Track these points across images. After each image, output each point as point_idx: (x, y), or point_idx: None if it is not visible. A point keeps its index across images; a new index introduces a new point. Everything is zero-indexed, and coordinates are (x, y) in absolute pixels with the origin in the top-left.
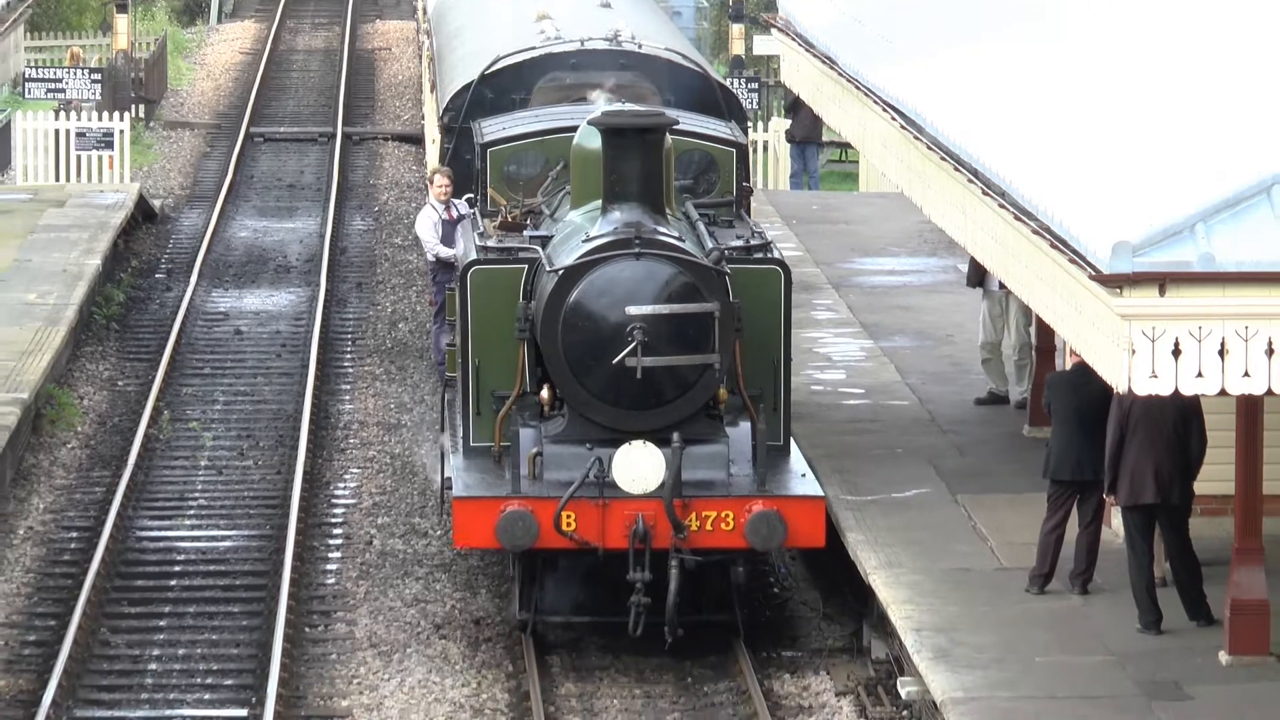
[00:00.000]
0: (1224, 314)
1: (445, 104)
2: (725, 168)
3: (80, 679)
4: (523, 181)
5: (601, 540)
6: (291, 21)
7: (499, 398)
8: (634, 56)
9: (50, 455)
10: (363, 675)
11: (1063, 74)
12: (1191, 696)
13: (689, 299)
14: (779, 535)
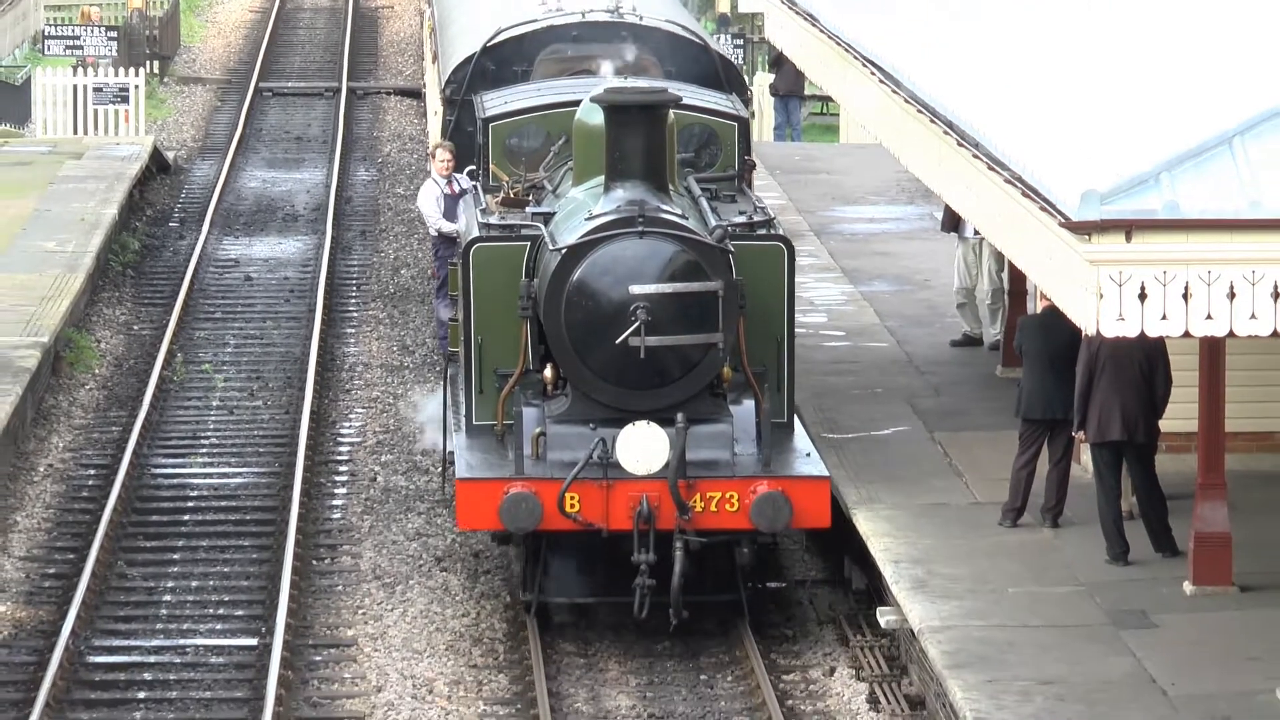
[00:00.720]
0: (1188, 259)
1: (447, 76)
2: (727, 141)
3: (98, 610)
4: (524, 156)
5: (605, 521)
6: None
7: (502, 376)
8: (635, 29)
9: (69, 396)
10: (367, 606)
11: (1035, 30)
12: (1157, 625)
13: (693, 278)
14: (784, 516)
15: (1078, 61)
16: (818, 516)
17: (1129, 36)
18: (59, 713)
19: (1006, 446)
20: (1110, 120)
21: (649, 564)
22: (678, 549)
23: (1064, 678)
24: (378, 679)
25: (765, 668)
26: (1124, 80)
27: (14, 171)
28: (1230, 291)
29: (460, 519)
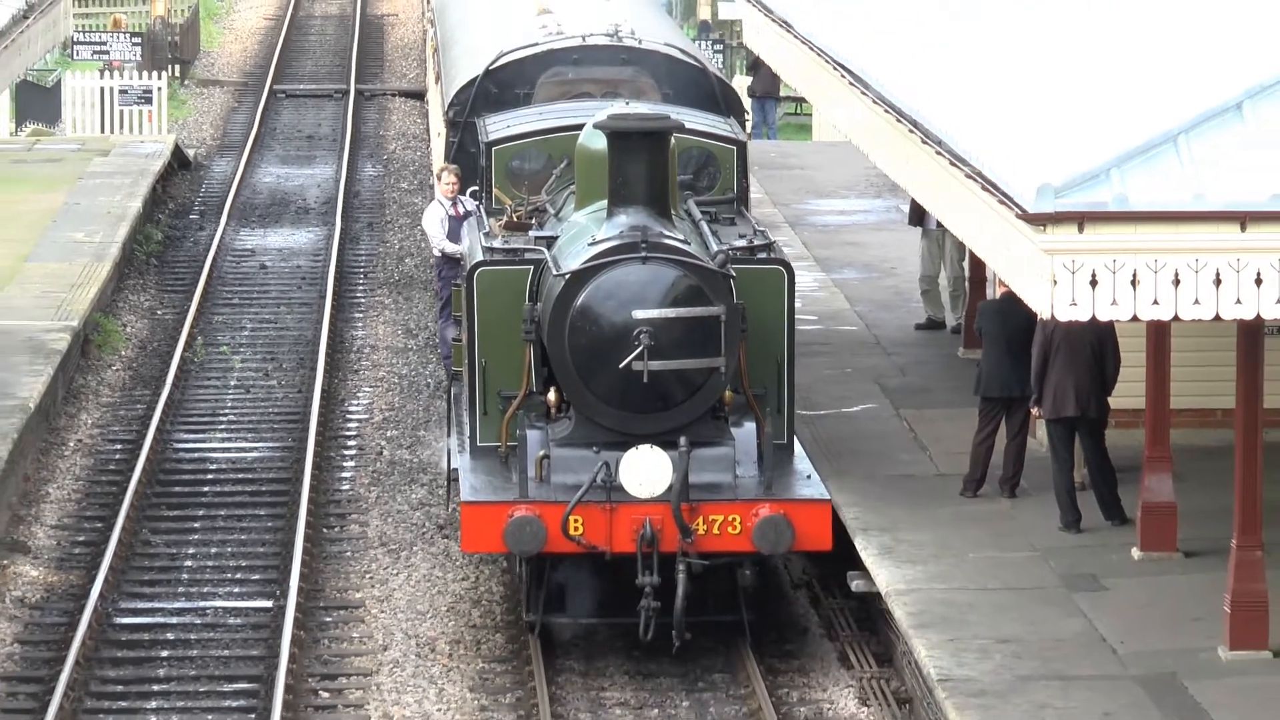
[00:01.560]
0: (1136, 249)
1: (450, 99)
2: (726, 164)
3: (124, 575)
4: (527, 178)
5: (609, 544)
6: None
7: (505, 398)
8: (634, 52)
9: (97, 376)
10: (374, 570)
11: (994, 35)
12: (1107, 588)
13: (695, 303)
14: (786, 540)
15: (1033, 64)
16: (819, 539)
17: (1082, 39)
18: (88, 670)
19: (967, 422)
20: (1063, 119)
21: (653, 586)
22: (680, 572)
23: (1020, 636)
24: (384, 638)
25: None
26: (1076, 81)
27: (45, 168)
28: (1175, 278)
29: (465, 542)
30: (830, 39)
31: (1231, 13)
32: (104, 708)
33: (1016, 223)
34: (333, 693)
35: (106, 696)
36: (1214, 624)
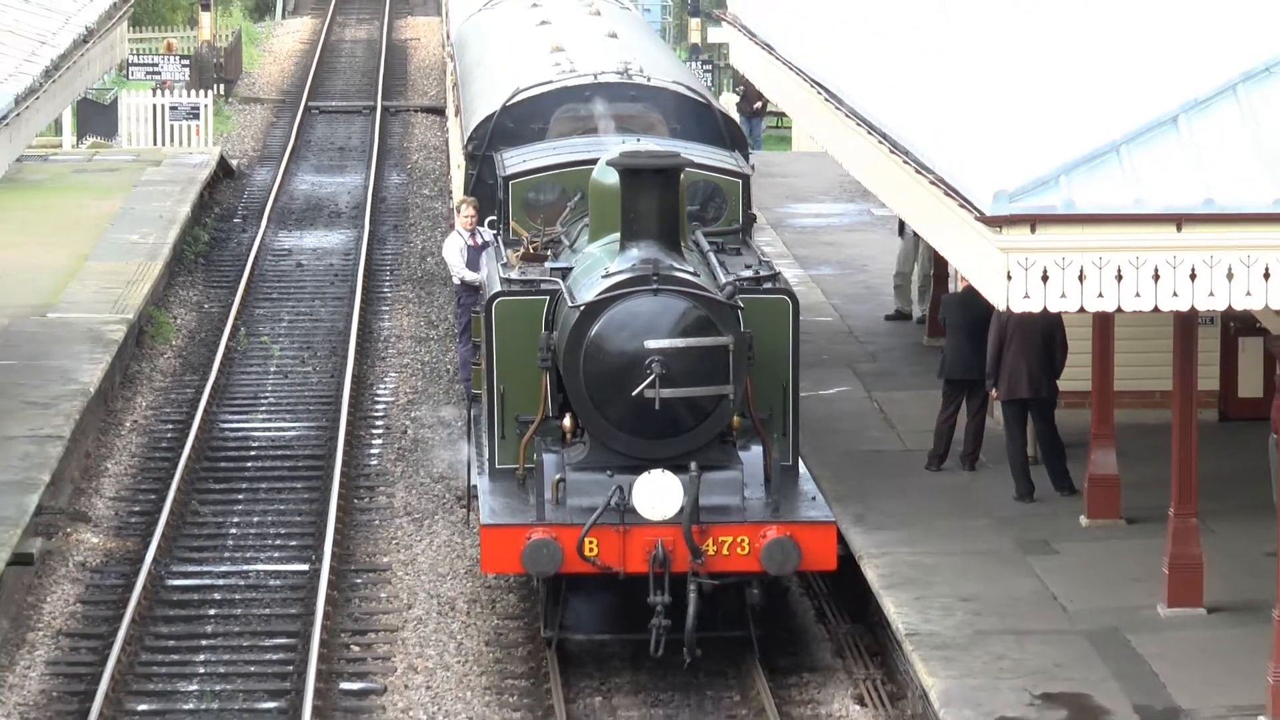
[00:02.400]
0: (1082, 248)
1: (469, 133)
2: (732, 197)
3: (175, 542)
4: (542, 210)
5: (622, 565)
6: (341, 17)
7: (523, 422)
8: (643, 89)
9: (150, 363)
10: (400, 537)
11: (954, 54)
12: (1058, 551)
13: (704, 333)
14: (793, 560)
15: (991, 80)
16: (824, 559)
17: (1033, 58)
18: (143, 627)
19: (931, 403)
20: (1016, 130)
21: (664, 605)
22: (692, 591)
23: (979, 595)
24: (408, 598)
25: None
26: (1028, 95)
27: (104, 176)
28: (1118, 274)
29: (484, 563)
30: (807, 59)
31: (1170, 30)
32: (157, 660)
33: (975, 224)
34: (362, 646)
35: (159, 650)
36: (1153, 584)
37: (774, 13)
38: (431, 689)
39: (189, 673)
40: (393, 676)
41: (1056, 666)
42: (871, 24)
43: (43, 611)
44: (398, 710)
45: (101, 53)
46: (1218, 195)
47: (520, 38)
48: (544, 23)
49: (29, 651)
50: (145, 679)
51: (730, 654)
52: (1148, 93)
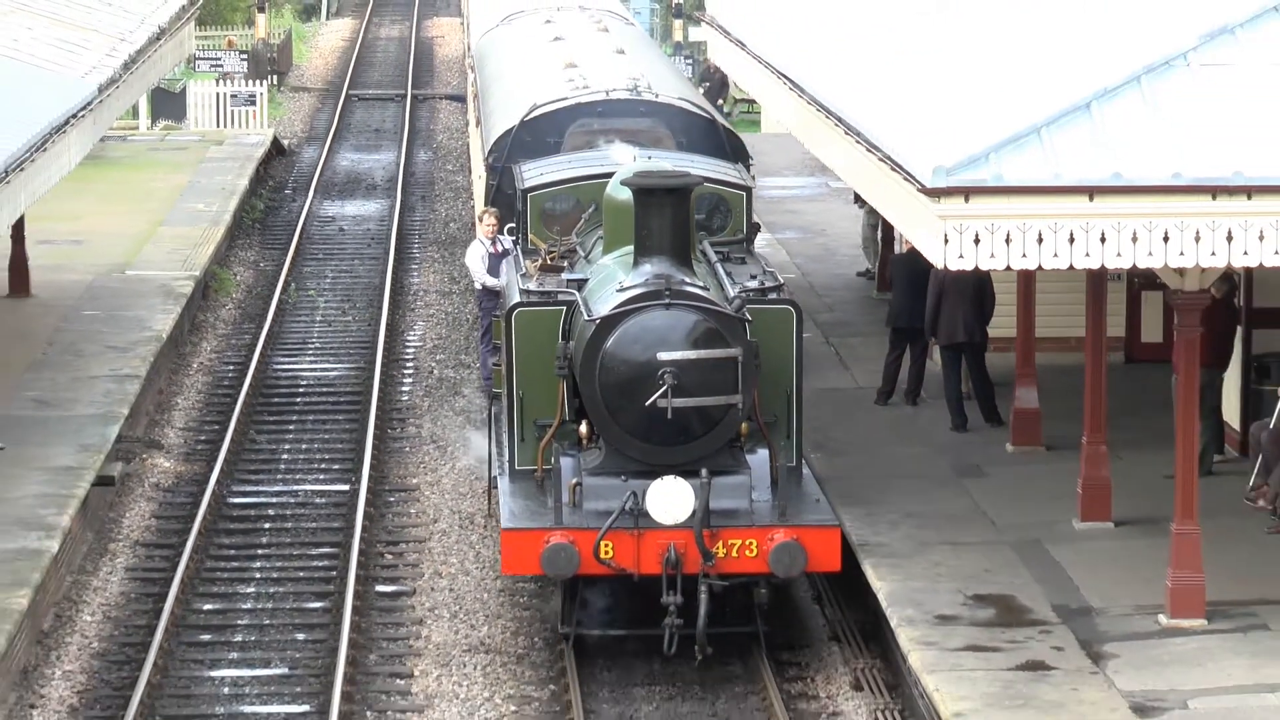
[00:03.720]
0: (1008, 215)
1: (490, 146)
2: (736, 209)
3: (235, 466)
4: (558, 219)
5: (637, 567)
6: (376, 18)
7: (541, 426)
8: (652, 105)
9: (214, 314)
10: (426, 461)
11: (900, 51)
12: (987, 474)
13: (714, 345)
14: (800, 563)
15: (931, 71)
16: (829, 561)
17: (969, 53)
18: (207, 539)
19: (879, 347)
20: (953, 114)
21: (676, 605)
22: (703, 593)
23: (921, 512)
24: (434, 513)
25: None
26: (964, 84)
27: (175, 154)
28: (1039, 238)
29: (505, 565)
30: (774, 53)
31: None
32: (220, 567)
33: (917, 195)
34: (394, 555)
35: (222, 559)
36: (1069, 502)
37: (745, 14)
38: (454, 591)
39: (247, 577)
40: (420, 580)
41: (986, 572)
42: (830, 26)
43: (122, 525)
44: (425, 609)
45: (172, 48)
46: (1124, 170)
47: (535, 53)
48: (557, 39)
49: (110, 559)
50: (209, 583)
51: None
52: (1065, 82)
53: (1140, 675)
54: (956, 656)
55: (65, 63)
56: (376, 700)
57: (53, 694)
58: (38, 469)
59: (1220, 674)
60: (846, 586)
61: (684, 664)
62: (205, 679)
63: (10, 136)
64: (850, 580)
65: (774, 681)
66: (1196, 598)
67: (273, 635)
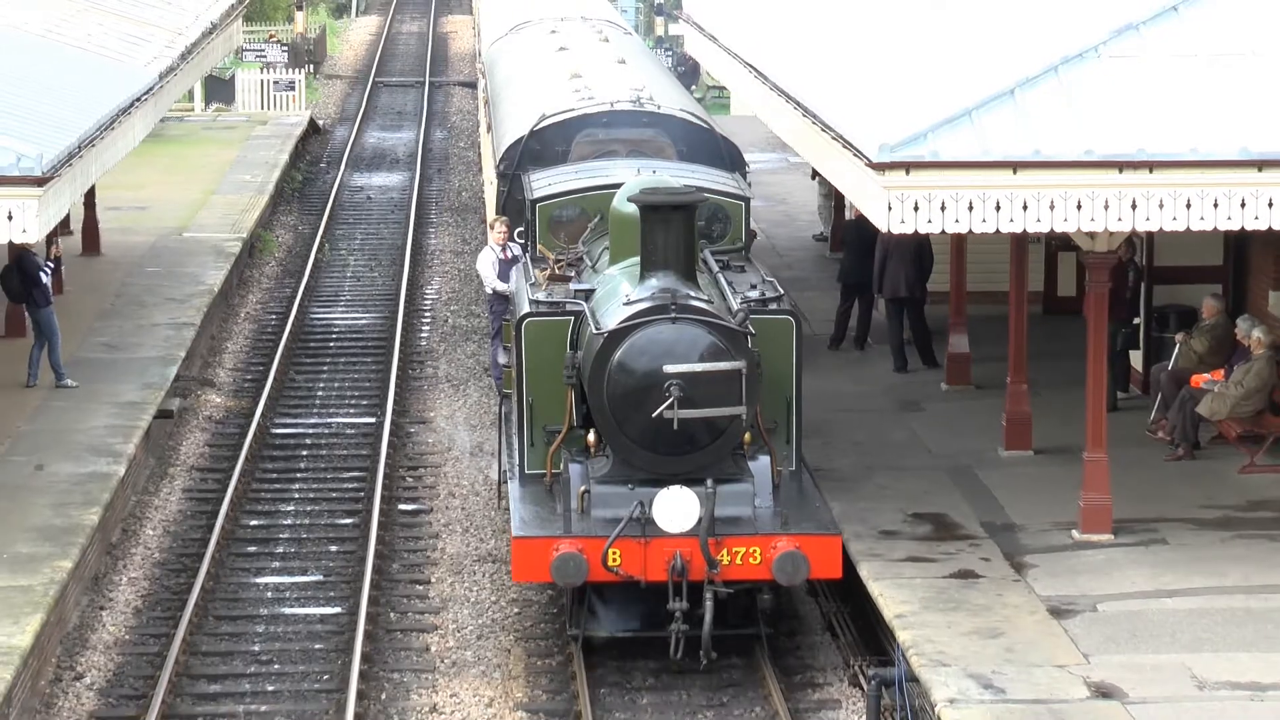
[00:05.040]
0: (943, 186)
1: (501, 154)
2: (736, 218)
3: (277, 402)
4: (565, 226)
5: (644, 574)
6: (399, 15)
7: (550, 432)
8: (654, 116)
9: (258, 270)
10: (442, 399)
11: (851, 43)
12: (925, 410)
13: (719, 358)
14: (803, 572)
15: (877, 61)
16: (831, 569)
17: (911, 46)
18: (253, 464)
19: (832, 300)
20: (897, 99)
21: (682, 611)
22: (708, 599)
23: (868, 441)
24: (448, 442)
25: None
26: (906, 72)
27: (225, 133)
28: (969, 205)
29: (515, 573)
30: (742, 45)
31: (1011, 22)
32: (264, 488)
33: (865, 169)
34: (414, 476)
35: (266, 481)
36: (995, 433)
37: (717, 11)
38: (465, 509)
39: (287, 497)
40: (437, 500)
41: (924, 493)
42: (791, 23)
43: (180, 452)
44: (440, 525)
45: (222, 41)
46: (1043, 147)
47: (542, 62)
48: (562, 49)
49: (170, 482)
50: (255, 502)
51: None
52: (992, 70)
53: (1056, 582)
54: (898, 566)
55: (130, 54)
56: (399, 603)
57: (119, 597)
58: (107, 404)
59: (1125, 581)
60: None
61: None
62: (251, 585)
63: (83, 117)
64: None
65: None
66: (1104, 516)
67: (309, 547)
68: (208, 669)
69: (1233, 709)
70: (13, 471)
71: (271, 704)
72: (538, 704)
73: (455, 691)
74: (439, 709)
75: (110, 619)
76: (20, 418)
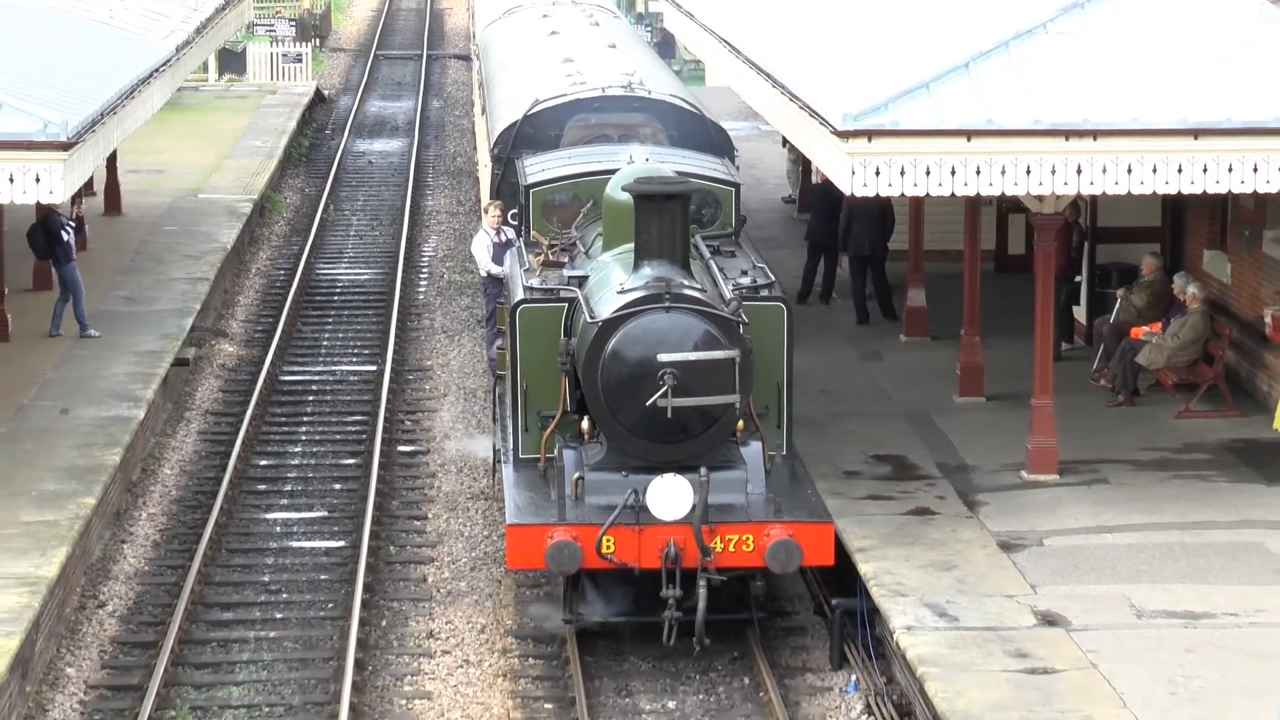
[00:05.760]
0: (902, 152)
1: (495, 138)
2: (726, 204)
3: (286, 351)
4: (558, 210)
5: (637, 561)
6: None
7: (544, 417)
8: (645, 101)
9: (269, 229)
10: (439, 348)
11: (818, 18)
12: (885, 359)
13: (712, 347)
14: (796, 560)
15: (843, 35)
16: (823, 556)
17: (874, 21)
18: (263, 409)
19: (800, 258)
20: (860, 72)
21: (675, 599)
22: (701, 587)
23: (833, 388)
24: (444, 389)
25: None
26: (869, 48)
27: (236, 102)
28: (927, 170)
29: (510, 560)
30: (717, 22)
31: (971, 1)
32: (274, 430)
33: (830, 136)
34: (412, 420)
35: (276, 424)
36: (950, 381)
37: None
38: (460, 450)
39: (294, 439)
40: (433, 441)
41: (885, 437)
42: (764, 10)
43: (195, 398)
44: (436, 465)
45: (234, 16)
46: (995, 117)
47: (535, 47)
48: (554, 33)
49: (186, 425)
50: (264, 443)
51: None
52: (948, 46)
53: (1005, 519)
54: (860, 504)
55: (149, 29)
56: (398, 537)
57: (139, 532)
58: (127, 352)
59: (1069, 518)
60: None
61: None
62: (261, 520)
63: (106, 87)
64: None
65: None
66: (1051, 458)
67: (315, 485)
68: (221, 598)
69: (1168, 635)
70: (40, 415)
71: (280, 630)
72: (525, 630)
73: (450, 619)
74: (435, 634)
75: (131, 551)
76: (47, 365)
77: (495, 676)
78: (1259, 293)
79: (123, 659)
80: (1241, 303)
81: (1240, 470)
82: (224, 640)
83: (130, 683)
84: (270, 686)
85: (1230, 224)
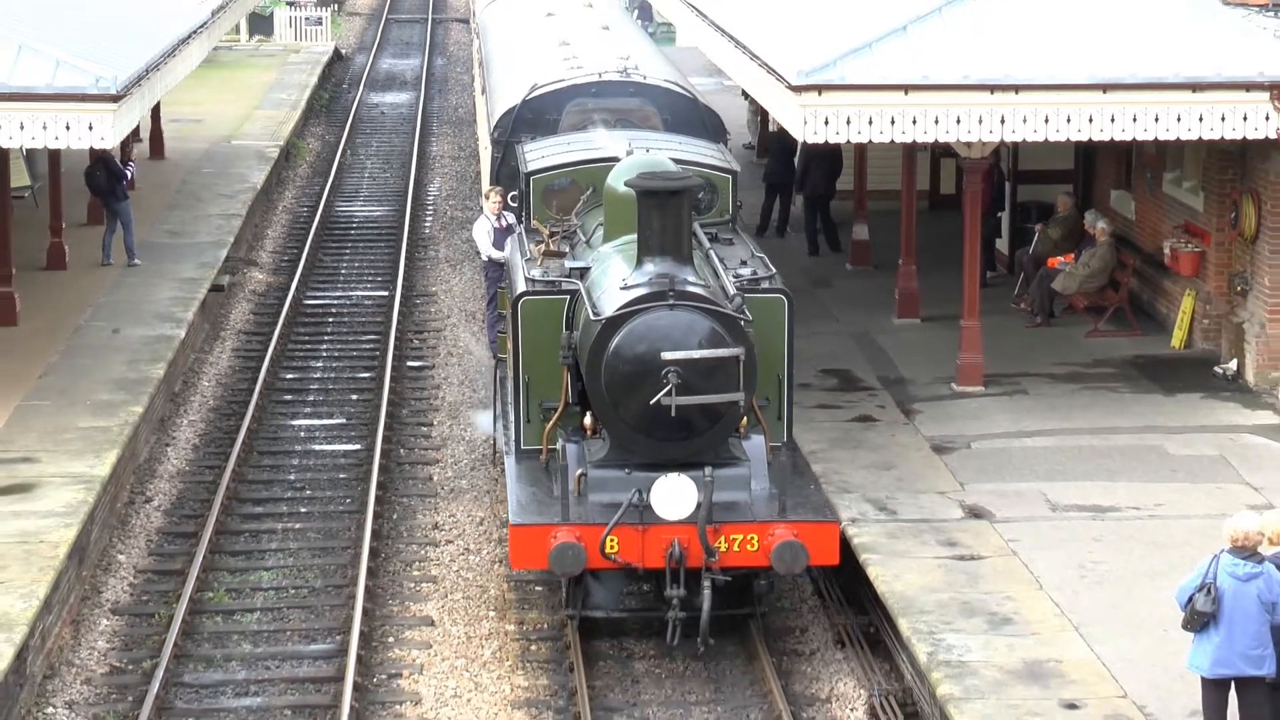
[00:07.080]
0: (849, 105)
1: (495, 122)
2: (724, 192)
3: (309, 275)
4: (557, 195)
5: (641, 561)
6: None
7: (546, 409)
8: (641, 86)
9: (294, 172)
10: (443, 275)
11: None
12: (833, 286)
13: (716, 345)
14: (802, 561)
15: (799, 1)
16: (829, 556)
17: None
18: (289, 328)
19: (758, 196)
20: (811, 34)
21: (679, 598)
22: (706, 587)
23: None
24: (448, 313)
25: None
26: (819, 13)
27: (265, 60)
28: (869, 120)
29: (514, 560)
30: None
31: None
32: (298, 348)
33: (786, 91)
34: (420, 339)
35: (299, 342)
36: (890, 305)
37: None
38: (461, 366)
39: (317, 354)
40: (438, 358)
41: (832, 354)
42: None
43: (229, 320)
44: (440, 378)
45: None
46: (929, 73)
47: (531, 28)
48: (550, 14)
49: (221, 343)
50: (291, 358)
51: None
52: (890, 11)
53: (938, 425)
54: (810, 412)
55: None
56: (407, 441)
57: (181, 437)
58: (170, 279)
59: (993, 424)
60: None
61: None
62: (287, 426)
63: (151, 47)
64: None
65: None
66: (977, 372)
67: (335, 396)
68: (253, 494)
69: (1079, 526)
70: (94, 334)
71: (305, 523)
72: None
73: (453, 512)
74: (440, 526)
75: (173, 454)
76: (100, 291)
77: (492, 563)
78: (1159, 227)
79: (167, 547)
80: (1144, 236)
81: (1142, 383)
82: (255, 531)
83: (173, 568)
84: (295, 571)
85: (1134, 167)
